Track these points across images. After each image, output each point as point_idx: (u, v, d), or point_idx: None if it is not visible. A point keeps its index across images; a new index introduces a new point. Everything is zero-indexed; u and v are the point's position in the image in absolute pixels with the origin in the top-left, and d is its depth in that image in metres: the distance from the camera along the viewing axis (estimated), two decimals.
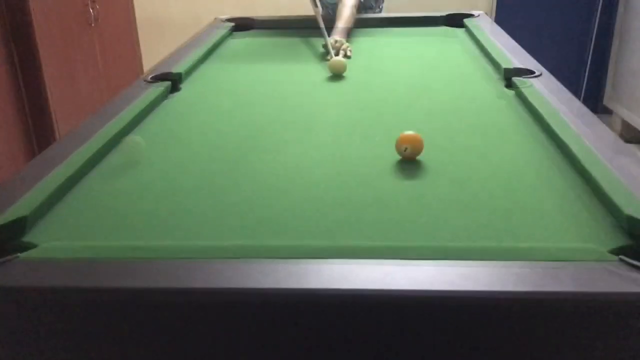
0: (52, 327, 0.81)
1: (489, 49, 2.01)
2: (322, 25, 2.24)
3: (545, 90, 1.56)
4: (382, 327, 0.79)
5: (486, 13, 2.71)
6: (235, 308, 0.79)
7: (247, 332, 0.80)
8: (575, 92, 3.94)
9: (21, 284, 0.81)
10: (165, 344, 0.82)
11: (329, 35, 2.19)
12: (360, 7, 2.64)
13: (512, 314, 0.78)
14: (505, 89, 1.69)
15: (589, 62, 3.87)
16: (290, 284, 0.78)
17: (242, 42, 2.44)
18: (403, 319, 0.78)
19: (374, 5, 2.81)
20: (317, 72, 1.95)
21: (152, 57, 3.85)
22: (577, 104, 1.46)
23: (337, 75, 1.88)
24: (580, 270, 0.79)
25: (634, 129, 3.60)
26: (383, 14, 2.82)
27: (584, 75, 3.91)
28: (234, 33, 2.58)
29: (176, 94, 1.76)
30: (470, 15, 2.58)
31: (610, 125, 3.78)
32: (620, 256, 0.82)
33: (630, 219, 0.92)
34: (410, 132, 1.23)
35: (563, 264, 0.81)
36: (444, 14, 2.62)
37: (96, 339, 0.82)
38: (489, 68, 1.91)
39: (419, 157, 1.24)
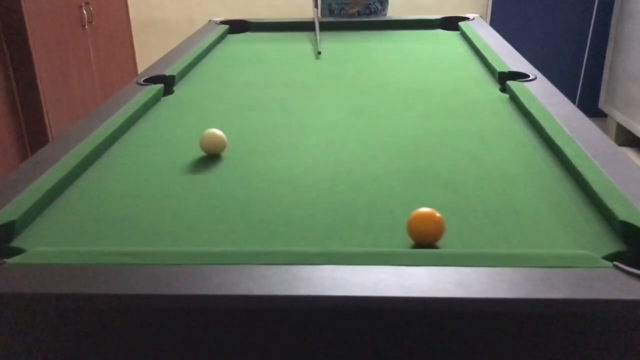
0: (39, 334, 0.80)
1: (484, 53, 2.01)
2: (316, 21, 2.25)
3: (540, 94, 1.56)
4: (374, 334, 0.78)
5: (481, 16, 2.71)
6: (224, 315, 0.78)
7: (237, 339, 0.79)
8: (571, 96, 3.95)
9: (7, 290, 0.80)
10: (153, 351, 0.81)
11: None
12: (367, 11, 2.67)
13: (505, 321, 0.77)
14: (500, 93, 1.69)
15: (584, 66, 3.88)
16: (280, 291, 0.77)
17: (236, 44, 2.43)
18: (395, 326, 0.77)
19: (379, 7, 2.81)
20: (312, 75, 1.94)
21: (146, 59, 3.85)
22: (571, 107, 1.46)
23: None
24: (574, 277, 0.79)
25: (629, 132, 3.61)
26: (380, 17, 2.81)
27: (579, 79, 3.92)
28: (229, 35, 2.58)
29: (169, 97, 1.75)
30: (465, 19, 2.58)
31: (605, 128, 3.79)
32: (615, 262, 0.81)
33: (625, 225, 0.91)
34: None
35: (557, 270, 0.80)
36: (439, 17, 2.62)
37: (84, 346, 0.81)
38: (484, 71, 1.90)
39: (412, 162, 1.24)
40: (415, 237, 0.94)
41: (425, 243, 0.93)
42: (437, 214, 0.94)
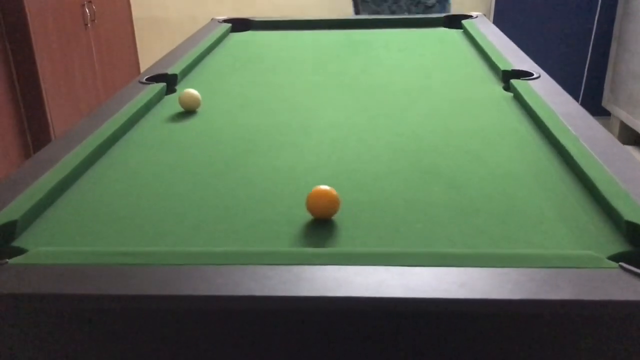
0: (40, 335, 0.80)
1: (487, 51, 2.00)
2: None
3: (543, 92, 1.55)
4: (376, 335, 0.77)
5: (485, 15, 2.70)
6: (226, 315, 0.78)
7: (238, 340, 0.78)
8: (574, 94, 3.93)
9: (9, 290, 0.79)
10: (154, 351, 0.80)
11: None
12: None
13: (509, 322, 0.76)
14: (504, 91, 1.68)
15: (587, 64, 3.87)
16: (283, 291, 0.76)
17: (239, 43, 2.43)
18: (398, 326, 0.77)
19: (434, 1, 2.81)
20: (314, 73, 1.94)
21: (148, 58, 3.85)
22: (575, 105, 1.45)
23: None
24: (579, 278, 0.78)
25: (632, 130, 3.60)
26: (380, 16, 2.81)
27: (583, 77, 3.90)
28: (231, 34, 2.57)
29: (171, 96, 1.74)
30: (468, 17, 2.57)
31: (608, 127, 3.77)
32: (621, 263, 0.81)
33: (630, 225, 0.90)
34: None
35: (561, 271, 0.79)
36: (442, 15, 2.61)
37: (85, 346, 0.80)
38: (487, 70, 1.89)
39: (415, 161, 1.23)
40: (314, 212, 1.01)
41: (322, 216, 1.01)
42: (334, 192, 1.01)
